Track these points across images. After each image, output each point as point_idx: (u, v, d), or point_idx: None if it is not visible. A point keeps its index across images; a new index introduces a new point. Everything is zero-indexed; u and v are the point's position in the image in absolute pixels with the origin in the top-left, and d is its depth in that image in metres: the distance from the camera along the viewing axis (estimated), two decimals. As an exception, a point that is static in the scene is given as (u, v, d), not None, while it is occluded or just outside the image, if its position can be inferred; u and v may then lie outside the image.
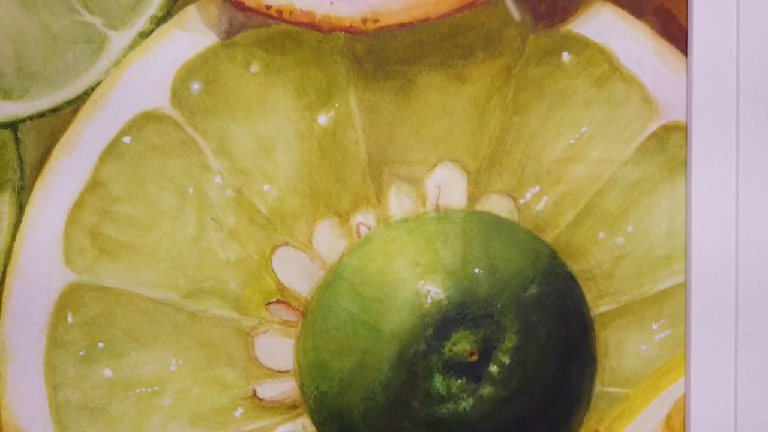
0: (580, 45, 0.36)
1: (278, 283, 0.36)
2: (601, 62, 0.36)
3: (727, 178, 0.36)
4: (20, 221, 0.35)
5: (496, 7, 0.36)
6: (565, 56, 0.36)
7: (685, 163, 0.36)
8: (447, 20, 0.36)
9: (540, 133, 0.36)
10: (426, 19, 0.36)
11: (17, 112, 0.35)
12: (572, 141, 0.36)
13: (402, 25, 0.36)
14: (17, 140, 0.35)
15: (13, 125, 0.35)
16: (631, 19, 0.36)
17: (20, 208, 0.35)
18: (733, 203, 0.36)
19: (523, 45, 0.36)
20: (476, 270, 0.35)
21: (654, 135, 0.36)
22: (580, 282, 0.36)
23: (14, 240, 0.35)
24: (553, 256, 0.36)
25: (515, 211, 0.36)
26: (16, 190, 0.35)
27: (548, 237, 0.36)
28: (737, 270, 0.36)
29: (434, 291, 0.35)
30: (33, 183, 0.35)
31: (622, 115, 0.36)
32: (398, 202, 0.36)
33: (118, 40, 0.35)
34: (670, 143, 0.36)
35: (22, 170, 0.35)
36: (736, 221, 0.36)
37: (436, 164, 0.36)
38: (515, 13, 0.36)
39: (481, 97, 0.36)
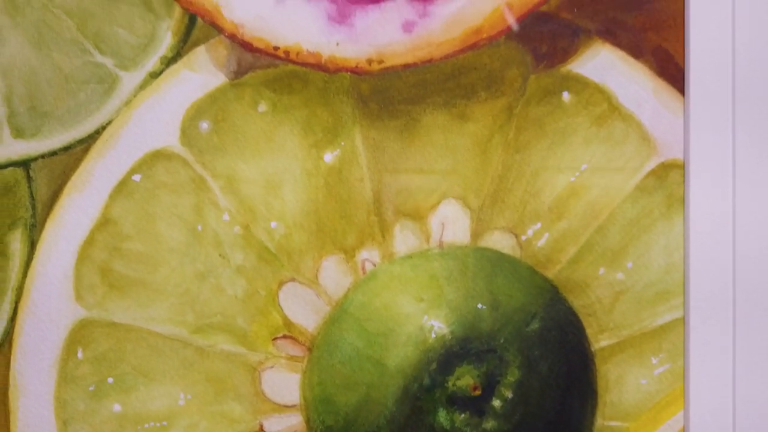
0: (580, 85, 0.37)
1: (285, 318, 0.36)
2: (600, 101, 0.37)
3: (724, 215, 0.36)
4: (32, 258, 0.36)
5: (497, 48, 0.37)
6: (566, 96, 0.37)
7: (683, 201, 0.37)
8: (450, 61, 0.36)
9: (541, 170, 0.37)
10: (429, 60, 0.36)
11: (29, 151, 0.35)
12: (573, 178, 0.37)
13: (406, 66, 0.36)
14: (29, 178, 0.35)
15: (25, 164, 0.35)
16: (630, 60, 0.37)
17: (32, 245, 0.36)
18: (730, 240, 0.36)
19: (524, 85, 0.37)
20: (479, 305, 0.36)
21: (652, 173, 0.37)
22: (581, 317, 0.36)
23: (26, 277, 0.36)
24: (555, 292, 0.36)
25: (517, 248, 0.37)
26: (28, 227, 0.35)
27: (550, 273, 0.37)
28: (734, 305, 0.36)
29: (438, 326, 0.35)
30: (44, 220, 0.36)
31: (622, 153, 0.37)
32: (403, 238, 0.37)
33: (129, 80, 0.36)
34: (669, 181, 0.37)
35: (33, 208, 0.35)
36: (733, 258, 0.36)
37: (440, 201, 0.37)
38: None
39: (484, 135, 0.37)
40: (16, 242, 0.36)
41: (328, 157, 0.36)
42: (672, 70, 0.37)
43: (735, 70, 0.37)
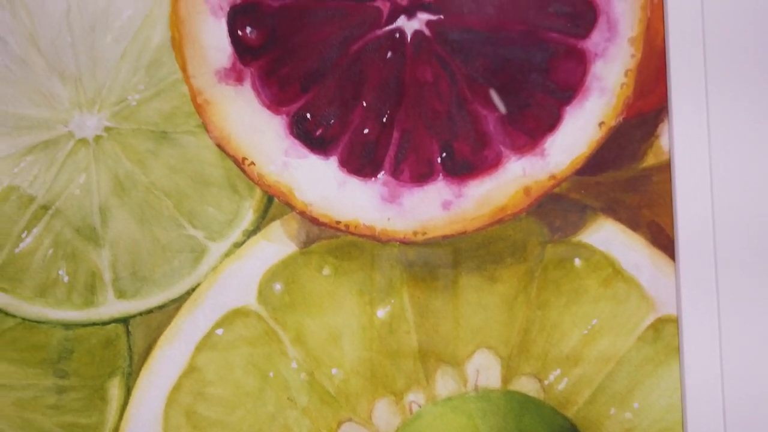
0: (589, 252, 0.40)
1: (343, 454, 0.38)
2: (606, 266, 0.40)
3: (713, 361, 0.39)
4: (127, 402, 0.37)
5: (520, 222, 0.40)
6: (577, 261, 0.40)
7: (678, 350, 0.39)
8: (481, 233, 0.40)
9: (559, 324, 0.39)
10: (464, 232, 0.39)
11: (129, 310, 0.38)
12: (585, 331, 0.39)
13: (445, 237, 0.39)
14: (128, 333, 0.37)
15: (125, 320, 0.38)
16: (629, 232, 0.40)
17: (128, 391, 0.37)
18: (719, 382, 0.39)
19: (543, 252, 0.40)
20: (510, 442, 0.38)
21: (651, 326, 0.39)
22: (597, 451, 0.38)
23: (121, 419, 0.37)
24: (574, 430, 0.38)
25: (541, 391, 0.39)
26: (125, 375, 0.37)
27: (569, 412, 0.39)
28: (727, 440, 0.39)
29: (475, 460, 0.38)
30: (139, 369, 0.37)
31: (625, 309, 0.39)
32: (444, 383, 0.39)
33: (216, 249, 0.38)
34: (665, 333, 0.39)
35: (131, 358, 0.37)
36: (722, 398, 0.39)
37: (475, 351, 0.39)
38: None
39: (510, 295, 0.39)
40: (114, 388, 0.37)
41: (381, 313, 0.39)
42: (664, 241, 0.40)
43: (716, 241, 0.40)
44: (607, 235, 0.40)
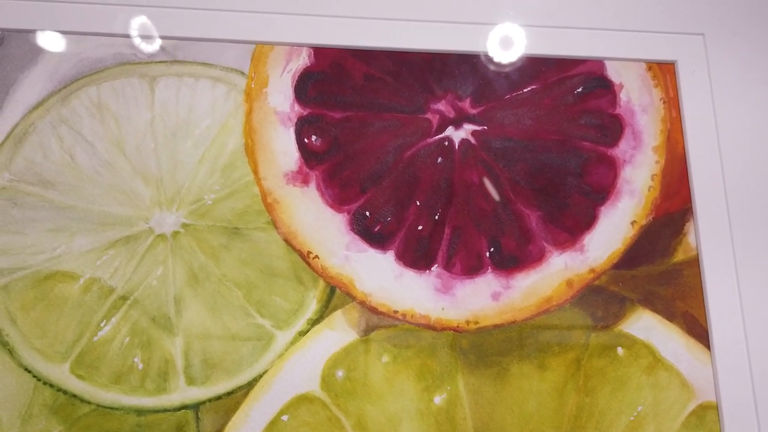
0: (630, 341, 0.40)
1: None
2: (646, 355, 0.39)
3: None
4: None
5: (565, 312, 0.40)
6: (620, 350, 0.39)
7: None
8: (529, 322, 0.39)
9: (606, 411, 0.38)
10: (513, 322, 0.39)
11: (200, 396, 0.36)
12: (632, 418, 0.38)
13: (496, 326, 0.39)
14: (197, 419, 0.36)
15: (195, 406, 0.36)
16: (666, 322, 0.40)
17: None
18: None
19: (588, 341, 0.39)
20: None
21: (693, 413, 0.39)
22: None
23: None
24: None
25: None
26: None
27: None
28: None
29: None
30: None
31: (667, 396, 0.39)
32: None
33: (282, 337, 0.38)
34: (707, 419, 0.39)
35: None
36: None
37: None
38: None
39: (559, 382, 0.39)
40: (182, 474, 0.35)
41: (437, 399, 0.38)
42: (698, 330, 0.40)
43: (746, 331, 0.40)
44: (645, 325, 0.40)
